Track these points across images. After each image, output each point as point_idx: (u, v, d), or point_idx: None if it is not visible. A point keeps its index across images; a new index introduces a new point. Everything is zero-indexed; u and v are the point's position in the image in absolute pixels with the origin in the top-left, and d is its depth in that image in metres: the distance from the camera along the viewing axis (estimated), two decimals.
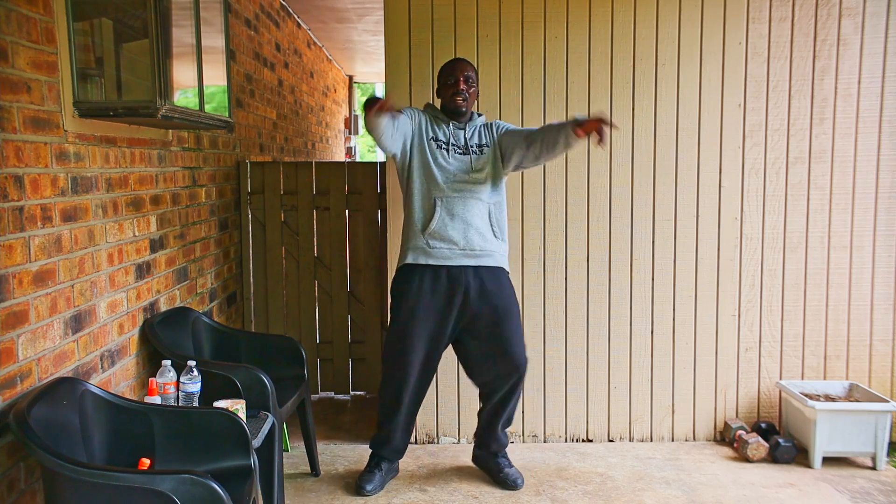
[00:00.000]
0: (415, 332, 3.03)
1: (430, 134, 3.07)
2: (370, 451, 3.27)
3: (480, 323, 3.04)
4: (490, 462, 3.26)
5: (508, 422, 3.23)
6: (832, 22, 3.54)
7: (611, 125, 2.70)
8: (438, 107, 3.17)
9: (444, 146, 3.06)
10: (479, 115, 3.20)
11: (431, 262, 3.01)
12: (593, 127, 2.66)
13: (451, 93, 3.04)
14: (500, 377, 3.09)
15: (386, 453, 3.22)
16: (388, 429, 3.19)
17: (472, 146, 3.08)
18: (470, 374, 3.21)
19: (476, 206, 3.02)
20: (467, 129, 3.09)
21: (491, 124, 3.17)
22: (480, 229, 3.02)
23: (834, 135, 3.60)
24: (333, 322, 4.29)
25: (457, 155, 3.04)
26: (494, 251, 3.05)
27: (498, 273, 3.07)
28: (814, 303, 3.66)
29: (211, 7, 2.91)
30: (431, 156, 3.03)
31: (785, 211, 3.63)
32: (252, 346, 3.27)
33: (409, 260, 3.04)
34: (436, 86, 3.18)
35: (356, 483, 3.16)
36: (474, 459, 3.34)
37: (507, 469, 3.22)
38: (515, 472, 3.23)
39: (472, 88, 3.08)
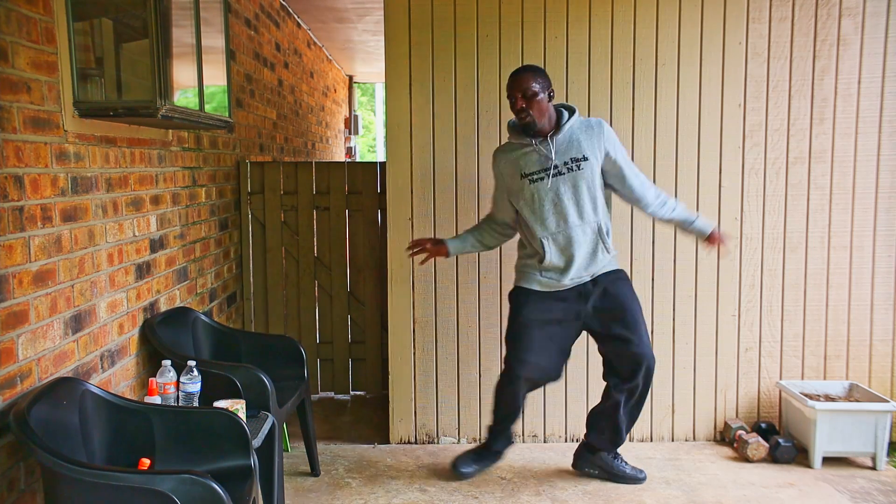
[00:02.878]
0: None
1: (519, 170, 2.98)
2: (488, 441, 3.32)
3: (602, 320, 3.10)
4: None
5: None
6: (832, 22, 3.54)
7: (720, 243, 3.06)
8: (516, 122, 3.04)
9: (536, 178, 2.96)
10: (570, 112, 3.00)
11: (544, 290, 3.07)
12: (718, 243, 3.05)
13: (516, 110, 2.91)
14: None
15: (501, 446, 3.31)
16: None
17: (563, 163, 2.93)
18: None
19: (581, 235, 2.97)
20: (555, 141, 2.93)
21: (592, 127, 2.97)
22: (587, 257, 3.01)
23: (834, 135, 3.60)
24: (333, 322, 4.30)
25: (547, 180, 2.93)
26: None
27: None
28: (814, 303, 3.66)
29: (211, 7, 2.91)
30: (536, 192, 2.95)
31: (785, 211, 3.63)
32: (252, 346, 3.27)
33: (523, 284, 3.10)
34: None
35: (455, 461, 3.24)
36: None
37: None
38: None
39: (537, 98, 2.87)
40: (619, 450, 3.32)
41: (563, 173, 2.93)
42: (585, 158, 2.93)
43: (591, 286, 3.05)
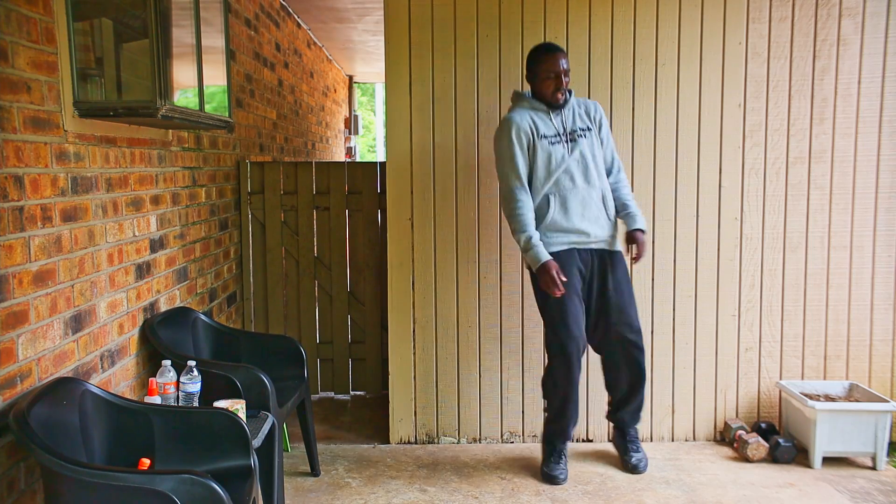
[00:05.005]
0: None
1: (540, 133, 3.13)
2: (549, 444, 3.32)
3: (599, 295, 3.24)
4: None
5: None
6: (832, 22, 3.53)
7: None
8: (529, 93, 3.20)
9: (554, 141, 3.13)
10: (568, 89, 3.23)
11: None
12: (640, 246, 3.19)
13: (553, 88, 3.10)
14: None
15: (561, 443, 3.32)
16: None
17: (574, 131, 3.16)
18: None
19: (588, 197, 3.16)
20: (568, 111, 3.17)
21: (589, 104, 3.25)
22: (594, 220, 3.18)
23: (834, 135, 3.60)
24: (333, 322, 4.30)
25: (564, 144, 3.14)
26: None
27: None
28: (814, 303, 3.66)
29: (211, 7, 2.91)
30: (553, 155, 3.12)
31: (785, 211, 3.63)
32: (252, 346, 3.27)
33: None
34: (525, 72, 3.21)
35: (547, 475, 3.23)
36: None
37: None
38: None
39: (569, 77, 3.16)
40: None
41: (575, 140, 3.15)
42: (589, 129, 3.20)
43: (598, 260, 3.19)
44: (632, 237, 3.20)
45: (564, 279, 3.03)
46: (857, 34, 3.53)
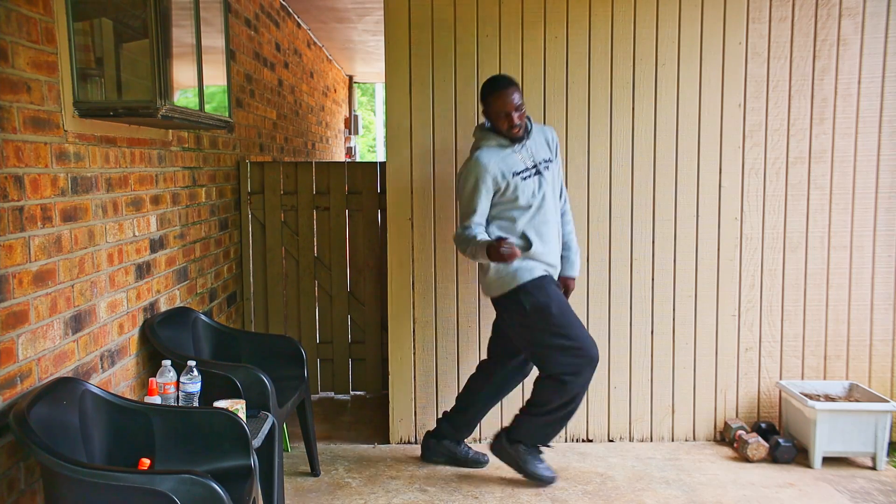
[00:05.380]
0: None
1: (512, 171, 3.05)
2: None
3: None
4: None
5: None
6: (832, 22, 3.53)
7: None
8: (488, 125, 3.12)
9: (526, 176, 3.08)
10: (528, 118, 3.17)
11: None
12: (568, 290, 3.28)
13: (507, 126, 3.03)
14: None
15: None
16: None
17: (539, 164, 3.12)
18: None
19: (556, 228, 3.16)
20: (531, 144, 3.12)
21: (547, 132, 3.22)
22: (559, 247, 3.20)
23: (834, 135, 3.60)
24: (333, 322, 4.30)
25: (534, 178, 3.09)
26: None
27: None
28: (814, 303, 3.66)
29: (211, 7, 2.91)
30: (528, 188, 3.06)
31: (785, 211, 3.63)
32: (252, 346, 3.27)
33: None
34: (481, 106, 3.12)
35: (540, 477, 3.19)
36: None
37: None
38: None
39: (523, 110, 3.06)
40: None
41: (541, 172, 3.11)
42: (551, 160, 3.18)
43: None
44: (565, 283, 3.28)
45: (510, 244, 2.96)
46: (857, 34, 3.53)
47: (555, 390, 3.06)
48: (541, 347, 3.08)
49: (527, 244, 3.06)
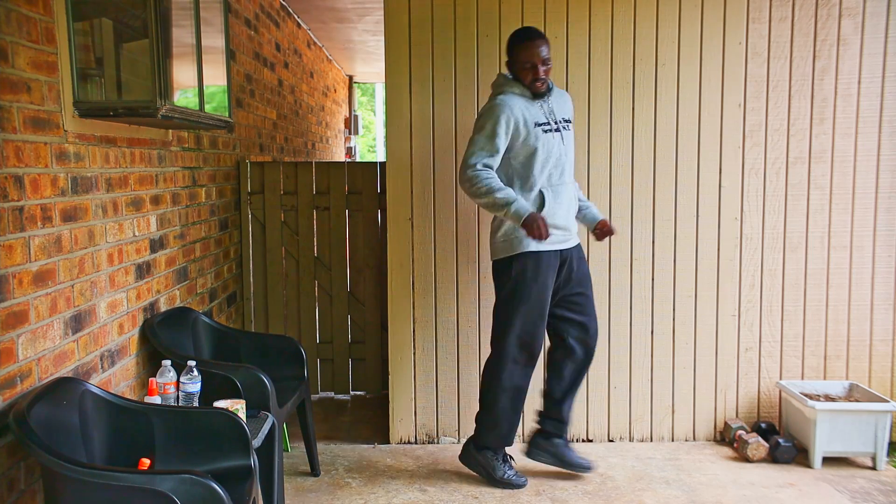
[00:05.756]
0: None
1: (532, 120, 2.99)
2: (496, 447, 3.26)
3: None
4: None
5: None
6: (832, 22, 3.53)
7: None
8: (511, 76, 3.07)
9: (546, 129, 3.02)
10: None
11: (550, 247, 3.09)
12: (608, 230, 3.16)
13: (532, 78, 2.98)
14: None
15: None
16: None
17: (559, 121, 3.07)
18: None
19: (571, 191, 3.12)
20: (553, 100, 3.08)
21: (562, 95, 3.17)
22: (573, 214, 3.15)
23: (834, 135, 3.60)
24: (333, 322, 4.30)
25: (554, 133, 3.04)
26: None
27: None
28: (814, 303, 3.66)
29: (211, 7, 2.91)
30: (542, 142, 3.00)
31: (785, 211, 3.63)
32: (252, 346, 3.27)
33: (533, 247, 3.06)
34: (505, 57, 3.09)
35: (507, 481, 3.17)
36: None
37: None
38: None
39: (550, 65, 3.02)
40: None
41: (560, 130, 3.07)
42: (570, 121, 3.15)
43: (573, 257, 3.15)
44: (602, 226, 3.17)
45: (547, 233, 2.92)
46: (857, 34, 3.53)
47: (493, 374, 3.14)
48: (502, 322, 3.12)
49: (541, 202, 3.01)
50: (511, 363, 3.11)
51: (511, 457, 3.29)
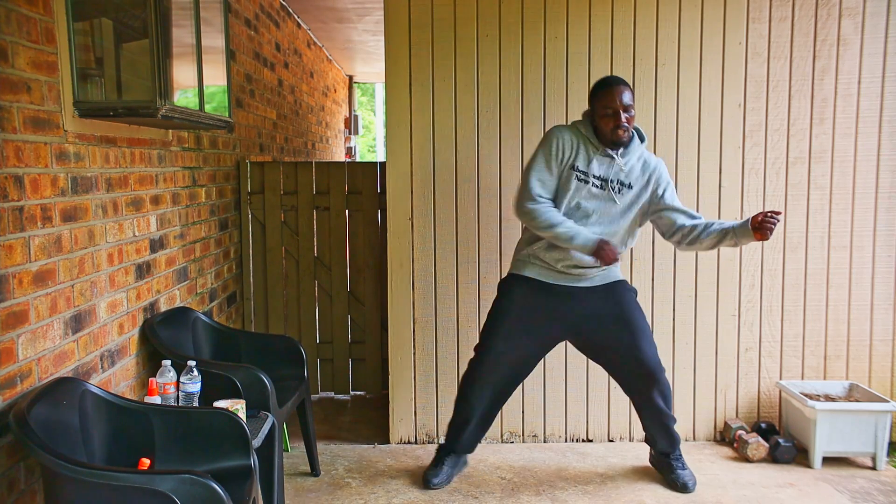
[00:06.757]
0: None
1: (572, 160, 2.89)
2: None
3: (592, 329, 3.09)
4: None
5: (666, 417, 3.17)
6: (832, 22, 3.54)
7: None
8: (589, 124, 2.93)
9: (582, 178, 2.89)
10: (640, 139, 2.97)
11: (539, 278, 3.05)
12: (765, 225, 2.74)
13: (613, 126, 2.83)
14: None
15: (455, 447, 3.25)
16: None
17: (610, 180, 2.89)
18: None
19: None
20: (620, 159, 2.90)
21: (648, 163, 2.95)
22: (588, 264, 2.95)
23: (834, 135, 3.60)
24: (333, 322, 4.30)
25: (600, 191, 2.89)
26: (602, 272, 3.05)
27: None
28: (814, 303, 3.66)
29: (211, 7, 2.91)
30: (573, 190, 2.89)
31: (785, 211, 3.63)
32: (252, 346, 3.27)
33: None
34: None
35: (423, 476, 3.20)
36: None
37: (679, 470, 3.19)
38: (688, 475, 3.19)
39: (633, 113, 2.85)
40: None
41: (604, 188, 2.91)
42: (630, 186, 2.94)
43: (587, 290, 3.03)
44: (755, 220, 2.78)
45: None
46: (857, 34, 3.53)
47: (465, 373, 3.19)
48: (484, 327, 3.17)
49: (536, 241, 2.99)
50: (469, 369, 3.16)
51: (458, 462, 3.26)
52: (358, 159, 11.64)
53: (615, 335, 3.03)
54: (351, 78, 10.18)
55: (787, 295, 3.67)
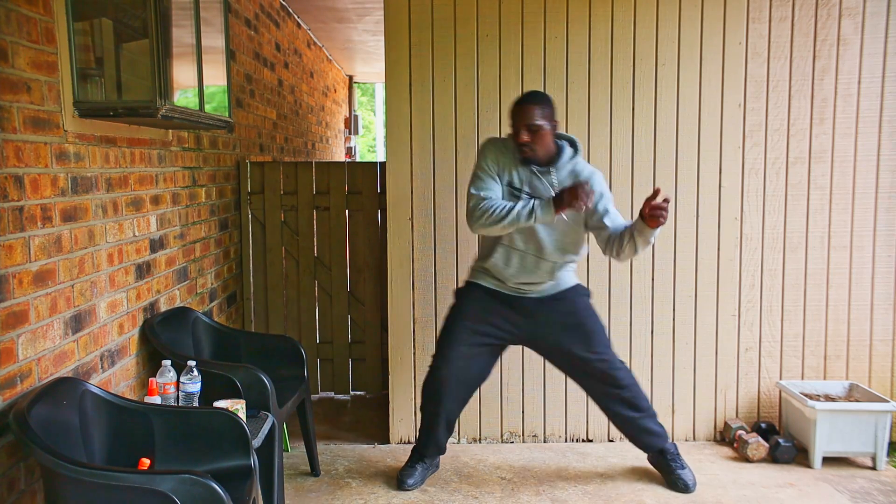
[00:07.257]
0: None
1: (507, 178, 2.92)
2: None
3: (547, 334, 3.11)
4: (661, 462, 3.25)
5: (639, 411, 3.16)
6: (832, 22, 3.53)
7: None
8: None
9: (517, 194, 2.91)
10: (573, 149, 2.95)
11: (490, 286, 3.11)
12: (654, 213, 2.67)
13: (518, 143, 2.86)
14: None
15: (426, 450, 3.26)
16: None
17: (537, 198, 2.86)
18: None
19: (541, 266, 2.99)
20: (548, 177, 2.90)
21: (579, 176, 2.89)
22: (538, 280, 3.03)
23: (834, 135, 3.60)
24: (333, 322, 4.30)
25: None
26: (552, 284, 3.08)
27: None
28: (814, 303, 3.66)
29: (211, 7, 2.91)
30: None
31: (785, 211, 3.63)
32: (252, 346, 3.27)
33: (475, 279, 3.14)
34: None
35: (397, 477, 3.21)
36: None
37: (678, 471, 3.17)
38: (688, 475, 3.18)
39: (540, 132, 2.82)
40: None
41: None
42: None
43: (537, 301, 3.06)
44: (642, 212, 2.73)
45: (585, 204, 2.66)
46: (857, 34, 3.53)
47: (424, 380, 3.21)
48: None
49: (488, 254, 3.05)
50: (427, 374, 3.18)
51: (431, 464, 3.28)
52: (358, 159, 11.64)
53: (567, 342, 3.06)
54: (351, 78, 10.18)
55: (787, 295, 3.67)
